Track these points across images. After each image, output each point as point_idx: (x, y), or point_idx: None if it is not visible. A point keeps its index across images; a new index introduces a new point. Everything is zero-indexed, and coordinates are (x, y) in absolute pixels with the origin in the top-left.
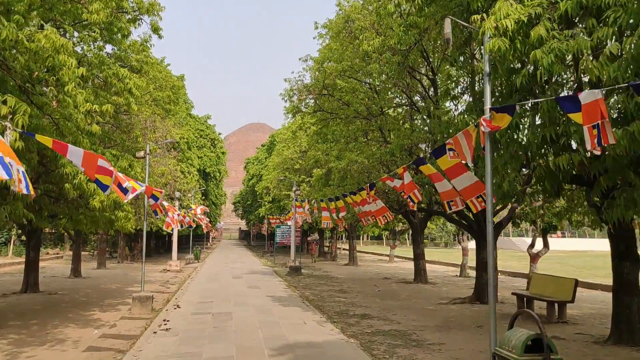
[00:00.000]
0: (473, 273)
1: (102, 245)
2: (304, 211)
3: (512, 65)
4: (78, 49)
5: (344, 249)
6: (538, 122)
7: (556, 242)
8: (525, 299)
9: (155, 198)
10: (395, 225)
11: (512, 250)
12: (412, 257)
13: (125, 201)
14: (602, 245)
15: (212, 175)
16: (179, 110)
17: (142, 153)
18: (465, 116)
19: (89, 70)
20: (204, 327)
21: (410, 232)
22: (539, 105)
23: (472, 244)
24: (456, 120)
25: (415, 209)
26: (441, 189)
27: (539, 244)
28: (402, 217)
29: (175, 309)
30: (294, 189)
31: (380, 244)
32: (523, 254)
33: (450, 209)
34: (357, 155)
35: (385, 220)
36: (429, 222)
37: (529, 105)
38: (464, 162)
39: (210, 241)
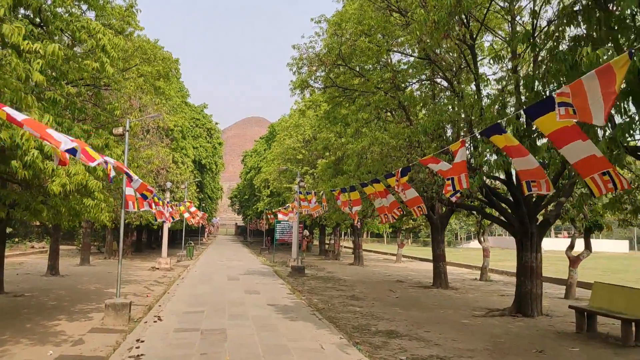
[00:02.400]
0: (495, 277)
1: (87, 240)
2: (308, 205)
3: None
4: None
5: (345, 247)
6: None
7: (563, 243)
8: (586, 313)
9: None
10: (405, 222)
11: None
12: (421, 257)
13: (93, 164)
14: (606, 246)
15: (208, 167)
16: (171, 92)
17: (120, 130)
18: (588, 52)
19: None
20: (188, 355)
21: (411, 231)
22: None
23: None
24: (581, 56)
25: (457, 199)
26: (522, 166)
27: (579, 245)
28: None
29: (155, 322)
30: (297, 180)
31: (381, 241)
32: (546, 256)
33: (530, 190)
34: (381, 133)
35: (421, 212)
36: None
37: None
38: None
39: (206, 237)
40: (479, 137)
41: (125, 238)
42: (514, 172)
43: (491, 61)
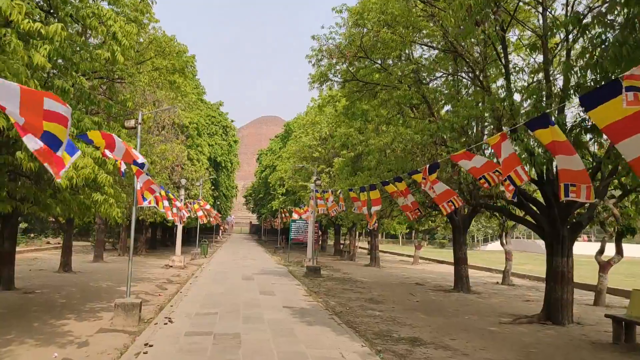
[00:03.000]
0: (517, 281)
1: (100, 236)
2: (325, 204)
3: None
4: None
5: (360, 248)
6: None
7: (583, 247)
8: (624, 323)
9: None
10: (423, 223)
11: (538, 254)
12: (439, 259)
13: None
14: (628, 251)
15: (223, 165)
16: (187, 88)
17: (132, 122)
18: None
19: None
20: None
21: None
22: None
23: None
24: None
25: (512, 198)
26: (565, 165)
27: (609, 250)
28: (435, 213)
29: (166, 324)
30: (314, 178)
31: (396, 242)
32: None
33: (567, 195)
34: (405, 128)
35: (453, 207)
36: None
37: None
38: None
39: (220, 235)
40: (518, 130)
41: (140, 235)
42: (545, 171)
43: (524, 52)
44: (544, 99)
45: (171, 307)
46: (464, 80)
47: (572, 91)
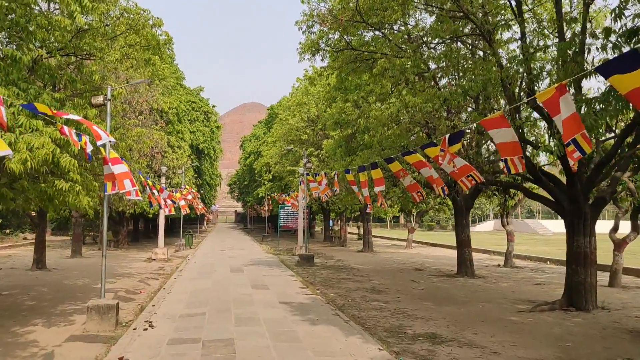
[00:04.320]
0: (519, 262)
1: (78, 230)
2: (317, 187)
3: None
4: None
5: (350, 233)
6: None
7: None
8: None
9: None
10: (420, 205)
11: (528, 233)
12: (432, 242)
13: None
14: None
15: (205, 153)
16: (165, 71)
17: (100, 99)
18: None
19: None
20: None
21: (422, 215)
22: None
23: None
24: None
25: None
26: None
27: (624, 227)
28: (434, 195)
29: (146, 329)
30: (304, 161)
31: (384, 226)
32: (547, 238)
33: None
34: (411, 97)
35: (474, 183)
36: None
37: None
38: None
39: (205, 225)
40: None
41: (120, 227)
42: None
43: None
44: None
45: (153, 306)
46: (470, 46)
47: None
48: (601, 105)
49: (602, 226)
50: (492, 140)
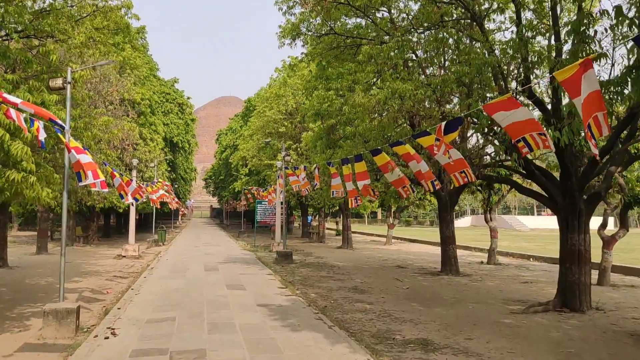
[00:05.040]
0: (503, 259)
1: (44, 225)
2: (297, 180)
3: None
4: None
5: (328, 229)
6: None
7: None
8: None
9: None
10: (400, 200)
11: (505, 229)
12: (411, 238)
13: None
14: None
15: (180, 146)
16: (136, 60)
17: (59, 81)
18: None
19: None
20: None
21: (401, 211)
22: None
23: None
24: None
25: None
26: None
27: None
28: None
29: (107, 337)
30: (282, 154)
31: (362, 222)
32: (524, 234)
33: None
34: (402, 83)
35: (466, 180)
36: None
37: None
38: None
39: (180, 220)
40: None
41: (90, 222)
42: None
43: None
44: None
45: (118, 309)
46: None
47: None
48: (617, 88)
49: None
50: (488, 128)
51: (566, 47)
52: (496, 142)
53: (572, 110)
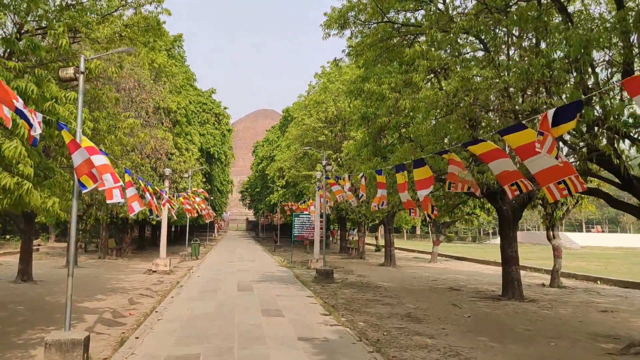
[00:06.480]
0: (569, 282)
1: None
2: (342, 189)
3: None
4: None
5: (367, 244)
6: None
7: (598, 238)
8: None
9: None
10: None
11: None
12: (457, 255)
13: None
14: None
15: (216, 157)
16: (173, 68)
17: (70, 71)
18: None
19: None
20: None
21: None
22: None
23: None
24: None
25: None
26: None
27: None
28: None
29: None
30: (323, 162)
31: (401, 237)
32: (576, 252)
33: None
34: (480, 69)
35: (565, 194)
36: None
37: None
38: None
39: (216, 232)
40: None
41: (124, 235)
42: None
43: None
44: None
45: (136, 339)
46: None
47: None
48: None
49: (606, 240)
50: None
51: None
52: (604, 140)
53: None
